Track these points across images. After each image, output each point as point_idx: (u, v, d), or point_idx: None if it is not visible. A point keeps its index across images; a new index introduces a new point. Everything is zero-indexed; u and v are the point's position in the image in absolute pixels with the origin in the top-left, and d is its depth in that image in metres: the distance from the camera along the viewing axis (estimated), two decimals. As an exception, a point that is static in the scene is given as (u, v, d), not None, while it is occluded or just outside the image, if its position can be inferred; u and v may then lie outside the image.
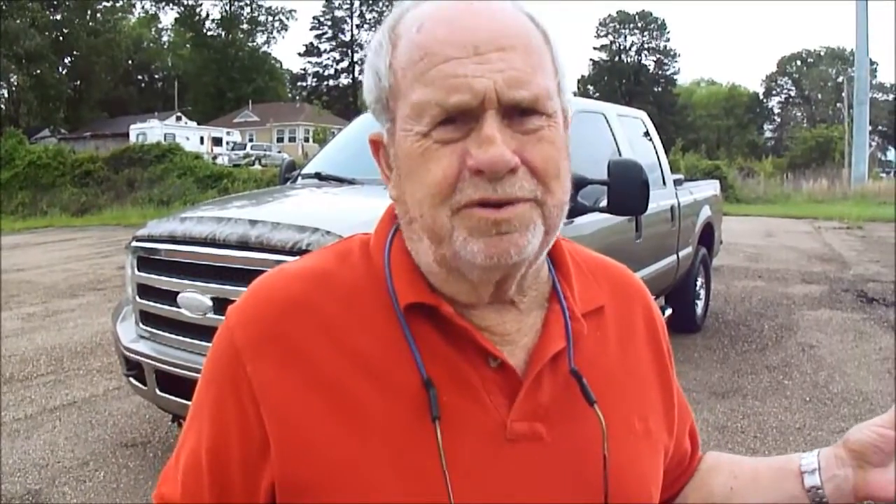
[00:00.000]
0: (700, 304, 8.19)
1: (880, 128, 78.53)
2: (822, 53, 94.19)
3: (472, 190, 0.83)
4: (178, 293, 3.88)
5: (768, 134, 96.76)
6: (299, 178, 5.54)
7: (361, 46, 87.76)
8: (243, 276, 3.62)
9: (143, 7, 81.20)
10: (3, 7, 53.11)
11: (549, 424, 0.93)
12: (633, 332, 1.07)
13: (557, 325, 0.96)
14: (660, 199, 6.47)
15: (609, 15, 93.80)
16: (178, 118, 59.87)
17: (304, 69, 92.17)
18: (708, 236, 8.44)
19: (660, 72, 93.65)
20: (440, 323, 0.92)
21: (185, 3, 79.63)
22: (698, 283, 8.11)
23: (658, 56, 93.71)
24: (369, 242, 1.02)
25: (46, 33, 59.41)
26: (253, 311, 0.96)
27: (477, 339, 0.91)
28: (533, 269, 0.95)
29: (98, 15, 66.35)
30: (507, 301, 0.95)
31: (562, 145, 0.89)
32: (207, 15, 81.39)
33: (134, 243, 4.25)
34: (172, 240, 4.00)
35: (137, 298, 4.21)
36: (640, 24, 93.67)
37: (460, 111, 0.83)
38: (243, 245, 3.65)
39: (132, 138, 42.75)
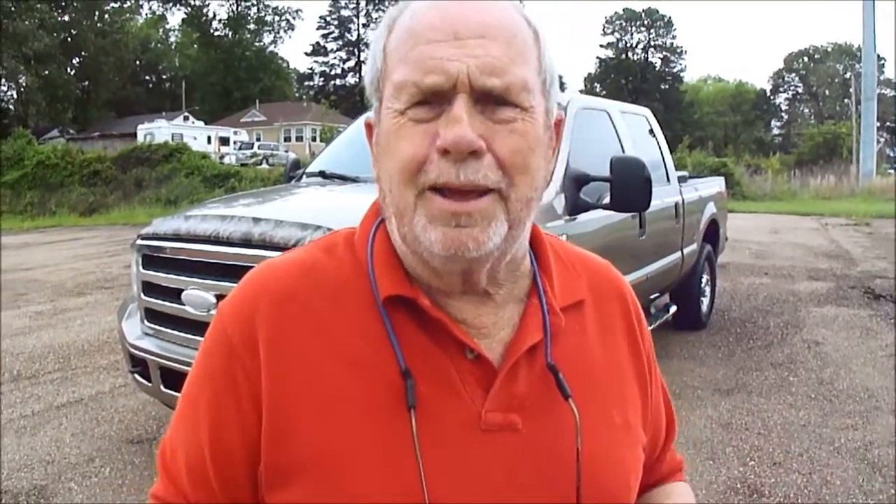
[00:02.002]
0: (705, 301, 8.18)
1: (888, 124, 78.22)
2: (829, 49, 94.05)
3: (436, 173, 0.85)
4: (182, 290, 3.91)
5: (776, 131, 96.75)
6: (304, 176, 5.57)
7: (368, 46, 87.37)
8: (247, 273, 3.64)
9: (150, 8, 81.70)
10: (12, 8, 53.21)
11: (525, 416, 0.94)
12: (611, 327, 1.09)
13: (535, 319, 0.98)
14: (664, 196, 6.48)
15: (615, 12, 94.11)
16: (186, 118, 60.03)
17: (311, 69, 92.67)
18: (713, 233, 8.43)
19: (666, 69, 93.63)
20: (419, 315, 0.94)
21: (192, 3, 79.90)
22: (703, 281, 8.09)
23: (664, 53, 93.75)
24: (353, 236, 1.04)
25: (54, 34, 59.50)
26: (245, 304, 0.98)
27: (453, 331, 0.93)
28: (508, 263, 0.96)
29: (106, 16, 66.53)
30: (480, 292, 0.96)
31: (535, 141, 0.90)
32: (214, 15, 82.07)
33: (139, 241, 4.27)
34: (177, 238, 4.02)
35: (142, 296, 4.24)
36: (646, 22, 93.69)
37: (434, 92, 0.86)
38: (246, 242, 3.67)
39: (140, 138, 42.87)
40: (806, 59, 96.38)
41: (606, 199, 4.59)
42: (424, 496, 0.87)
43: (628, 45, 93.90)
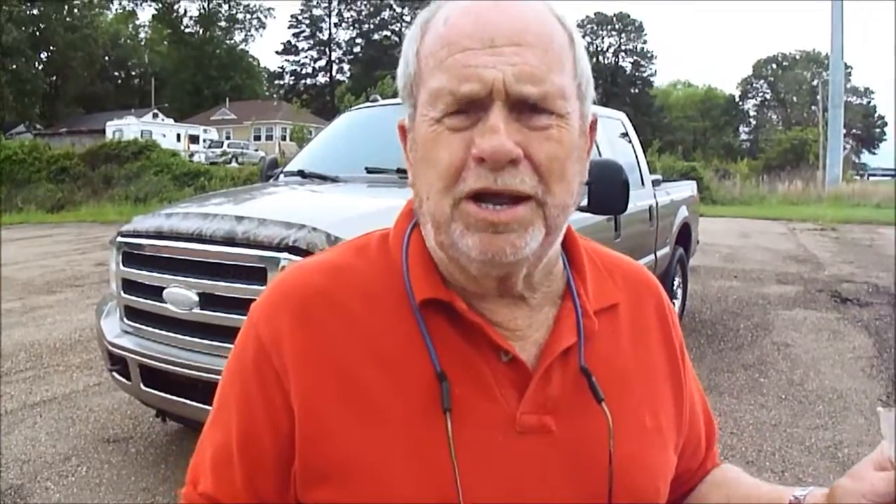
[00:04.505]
0: (677, 303, 8.26)
1: (854, 131, 79.45)
2: (797, 57, 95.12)
3: (473, 180, 0.85)
4: (163, 288, 3.89)
5: (744, 136, 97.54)
6: (281, 175, 5.56)
7: (339, 45, 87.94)
8: (230, 271, 3.65)
9: (120, 3, 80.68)
10: (-21, 2, 52.50)
11: (559, 418, 0.95)
12: (646, 330, 1.09)
13: (569, 322, 0.98)
14: (638, 200, 6.53)
15: (587, 16, 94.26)
16: (155, 115, 59.48)
17: (282, 67, 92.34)
18: (685, 236, 8.52)
19: (637, 73, 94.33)
20: (454, 317, 0.94)
21: (163, -1, 79.20)
22: (675, 283, 8.19)
23: (635, 58, 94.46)
24: (388, 236, 1.04)
25: (23, 28, 58.80)
26: (275, 305, 0.99)
27: (489, 333, 0.94)
28: (542, 267, 0.97)
29: (75, 10, 65.65)
30: (515, 296, 0.97)
31: (571, 147, 0.89)
32: (185, 12, 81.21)
33: (119, 238, 4.24)
34: (159, 235, 4.00)
35: (122, 293, 4.21)
36: (617, 26, 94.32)
37: (470, 100, 0.85)
38: (230, 241, 3.66)
39: (108, 135, 42.47)
40: (774, 65, 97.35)
41: (583, 202, 4.63)
42: (459, 499, 0.87)
43: (599, 48, 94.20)
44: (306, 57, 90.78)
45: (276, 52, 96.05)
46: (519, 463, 0.92)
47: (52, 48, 65.04)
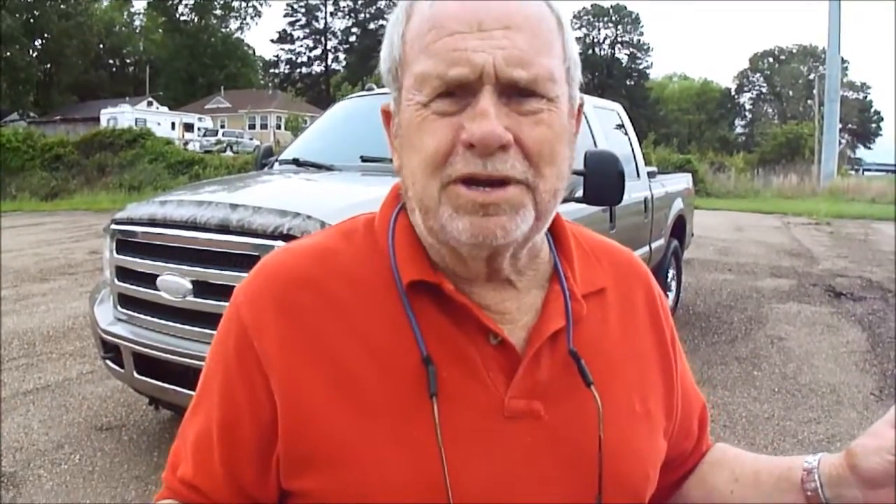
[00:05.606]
0: (671, 295, 8.26)
1: (850, 126, 79.57)
2: (794, 51, 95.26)
3: (462, 164, 0.84)
4: (157, 276, 3.88)
5: (739, 129, 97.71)
6: (276, 163, 5.55)
7: (335, 34, 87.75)
8: (224, 259, 3.64)
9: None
10: (-27, -11, 52.26)
11: (547, 402, 0.94)
12: (634, 316, 1.08)
13: (557, 305, 0.97)
14: (634, 191, 6.52)
15: (583, 8, 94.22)
16: (150, 103, 59.34)
17: (277, 56, 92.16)
18: (680, 229, 8.52)
19: (633, 66, 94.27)
20: (442, 300, 0.93)
21: (158, -13, 78.84)
22: (669, 275, 8.20)
23: (631, 50, 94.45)
24: (373, 221, 1.03)
25: (17, 15, 58.57)
26: (259, 289, 0.98)
27: (477, 315, 0.92)
28: (527, 251, 0.96)
29: (70, -2, 65.50)
30: (503, 280, 0.96)
31: (561, 131, 0.89)
32: (180, 0, 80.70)
33: (113, 226, 4.23)
34: (152, 223, 3.98)
35: (116, 281, 4.20)
36: (613, 18, 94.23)
37: (459, 84, 0.84)
38: (224, 229, 3.65)
39: (103, 123, 42.30)
40: (771, 59, 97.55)
41: (579, 193, 4.62)
42: (446, 484, 0.86)
43: (595, 40, 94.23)
44: (302, 46, 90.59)
45: (272, 41, 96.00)
46: (507, 447, 0.91)
47: (46, 36, 64.86)
